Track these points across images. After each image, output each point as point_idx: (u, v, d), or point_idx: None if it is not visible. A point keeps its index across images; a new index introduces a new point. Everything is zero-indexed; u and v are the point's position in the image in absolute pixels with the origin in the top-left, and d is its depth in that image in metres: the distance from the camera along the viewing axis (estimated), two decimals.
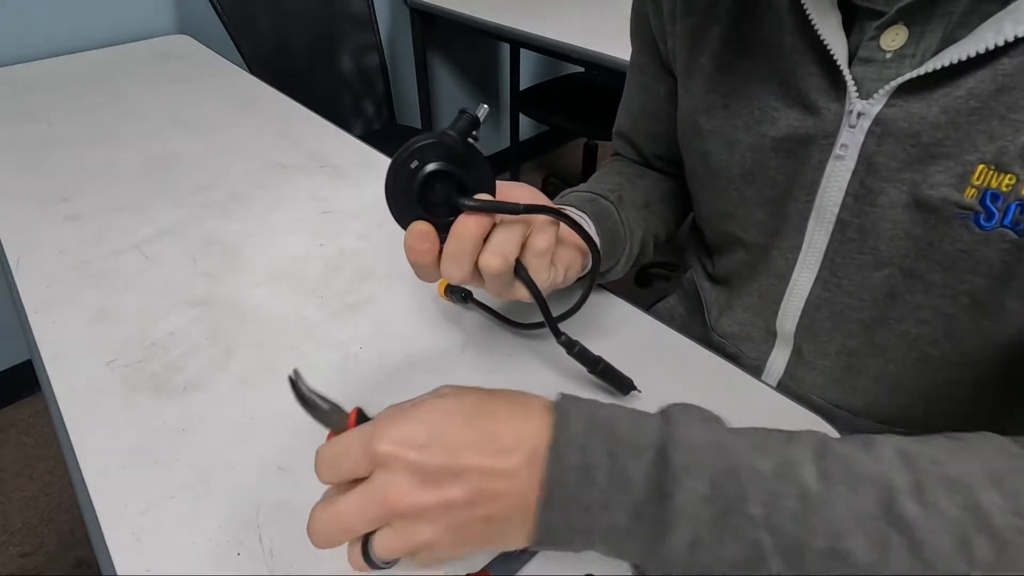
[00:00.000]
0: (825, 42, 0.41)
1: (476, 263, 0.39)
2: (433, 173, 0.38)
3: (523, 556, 0.37)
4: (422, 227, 0.38)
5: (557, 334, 0.44)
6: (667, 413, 0.32)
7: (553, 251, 0.41)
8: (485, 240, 0.39)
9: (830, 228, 0.46)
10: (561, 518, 0.30)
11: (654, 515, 0.29)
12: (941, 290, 0.43)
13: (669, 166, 0.66)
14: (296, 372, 0.35)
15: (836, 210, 0.46)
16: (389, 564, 0.32)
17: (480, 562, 0.37)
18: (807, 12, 0.42)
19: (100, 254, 0.64)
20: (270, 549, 0.38)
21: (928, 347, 0.47)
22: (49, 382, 0.49)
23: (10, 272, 0.61)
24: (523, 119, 2.38)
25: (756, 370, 0.51)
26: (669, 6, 0.53)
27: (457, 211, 0.38)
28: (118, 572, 0.37)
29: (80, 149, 0.85)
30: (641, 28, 0.59)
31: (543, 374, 0.50)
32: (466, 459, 0.30)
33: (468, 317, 0.56)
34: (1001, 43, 0.34)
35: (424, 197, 0.38)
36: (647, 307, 0.62)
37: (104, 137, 0.89)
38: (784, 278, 0.52)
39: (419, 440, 0.30)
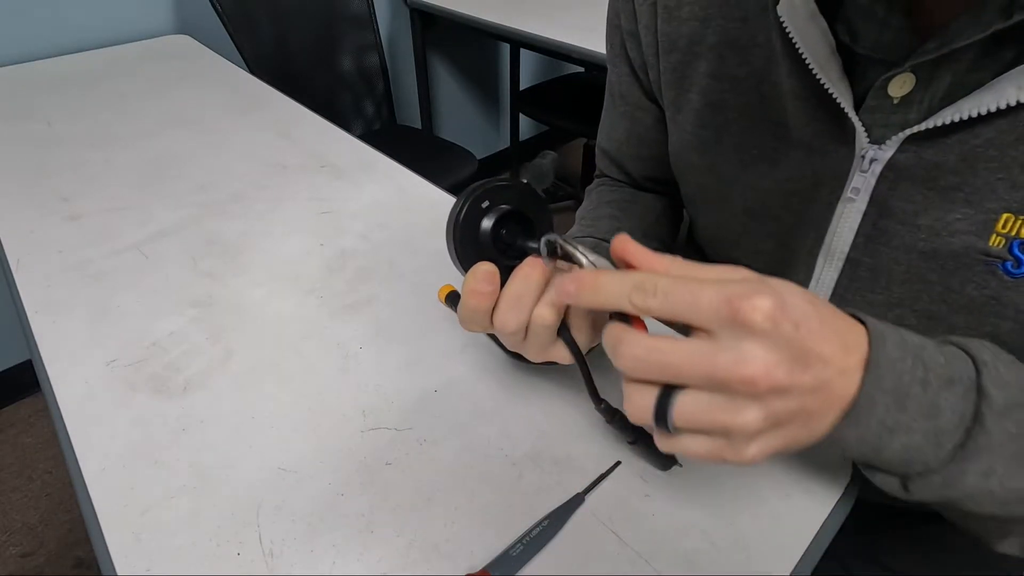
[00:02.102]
0: (829, 90, 0.40)
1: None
2: (506, 214, 0.37)
3: (523, 556, 0.37)
4: (488, 267, 0.36)
5: (597, 401, 0.41)
6: (968, 348, 0.33)
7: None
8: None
9: (840, 266, 0.46)
10: (857, 434, 0.30)
11: (957, 444, 0.31)
12: (963, 331, 0.42)
13: (659, 186, 0.65)
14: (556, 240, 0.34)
15: (846, 250, 0.45)
16: (672, 431, 0.29)
17: (480, 562, 0.37)
18: (805, 60, 0.40)
19: (100, 254, 0.64)
20: (270, 549, 0.38)
21: None
22: (49, 382, 0.49)
23: (10, 272, 0.61)
24: (523, 119, 2.38)
25: None
26: (648, 39, 0.52)
27: (520, 256, 0.36)
28: (118, 572, 0.37)
29: (80, 149, 0.85)
30: (620, 58, 0.57)
31: (544, 373, 0.50)
32: (824, 348, 0.28)
33: None
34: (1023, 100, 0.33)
35: (496, 238, 0.37)
36: None
37: (104, 137, 0.89)
38: None
39: (795, 316, 0.27)
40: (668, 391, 0.28)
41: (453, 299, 0.56)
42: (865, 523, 0.58)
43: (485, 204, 0.37)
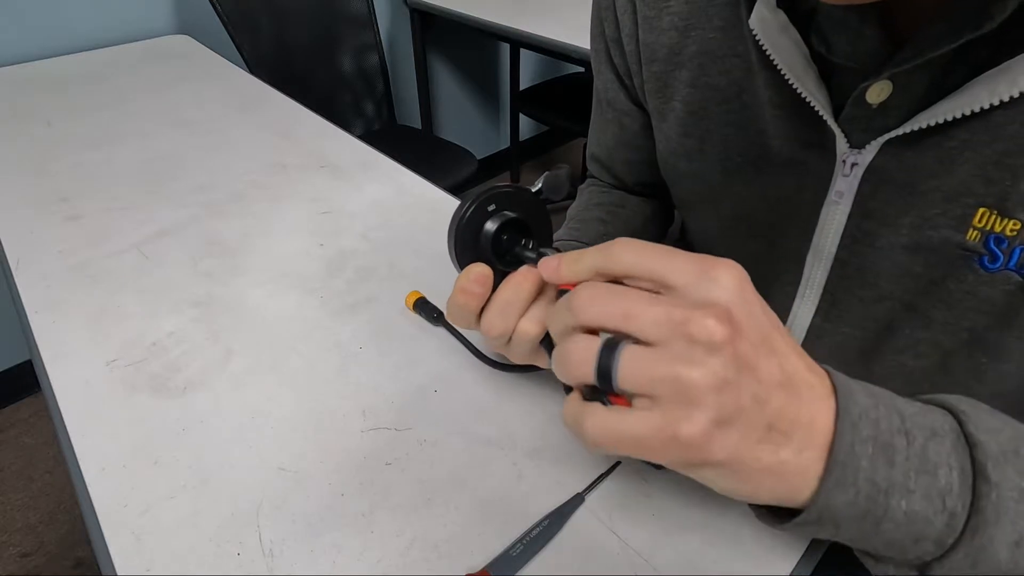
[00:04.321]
0: (807, 99, 0.40)
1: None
2: (509, 221, 0.38)
3: (523, 556, 0.37)
4: (482, 270, 0.37)
5: None
6: (942, 401, 0.29)
7: None
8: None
9: (829, 265, 0.47)
10: (845, 498, 0.26)
11: (966, 506, 0.26)
12: (942, 326, 0.43)
13: (649, 189, 0.65)
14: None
15: (834, 250, 0.46)
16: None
17: (480, 562, 0.37)
18: (781, 71, 0.41)
19: (100, 254, 0.64)
20: (270, 549, 0.38)
21: (922, 380, 0.47)
22: (49, 382, 0.49)
23: (10, 272, 0.61)
24: (523, 119, 2.38)
25: None
26: (631, 47, 0.52)
27: (516, 264, 0.38)
28: (118, 572, 0.37)
29: (80, 149, 0.85)
30: (605, 65, 0.57)
31: (544, 373, 0.50)
32: (775, 400, 0.26)
33: None
34: (996, 103, 0.34)
35: (496, 242, 0.38)
36: None
37: (104, 137, 0.89)
38: (784, 310, 0.51)
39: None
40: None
41: (421, 305, 0.56)
42: None
43: (491, 208, 0.38)
